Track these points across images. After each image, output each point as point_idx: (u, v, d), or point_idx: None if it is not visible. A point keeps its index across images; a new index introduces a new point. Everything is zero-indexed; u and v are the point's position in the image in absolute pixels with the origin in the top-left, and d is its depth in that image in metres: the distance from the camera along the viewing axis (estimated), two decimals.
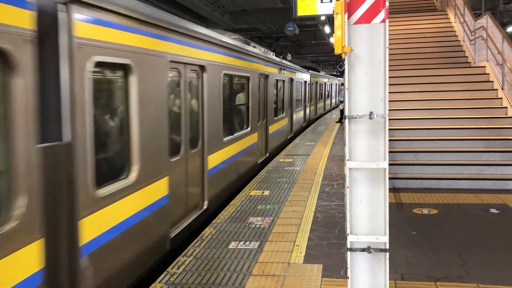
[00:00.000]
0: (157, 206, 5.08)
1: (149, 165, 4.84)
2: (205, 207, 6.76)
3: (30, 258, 3.12)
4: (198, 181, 6.64)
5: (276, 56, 15.51)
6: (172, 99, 5.80)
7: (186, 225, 6.02)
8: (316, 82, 24.87)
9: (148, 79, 4.84)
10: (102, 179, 4.04)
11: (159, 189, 5.13)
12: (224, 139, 7.91)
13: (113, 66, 4.30)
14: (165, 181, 5.28)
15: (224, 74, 7.79)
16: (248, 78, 9.79)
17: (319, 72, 31.01)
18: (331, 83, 35.09)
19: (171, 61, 5.50)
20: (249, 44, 10.70)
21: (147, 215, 4.84)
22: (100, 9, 3.89)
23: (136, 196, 4.60)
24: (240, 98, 9.69)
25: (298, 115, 18.20)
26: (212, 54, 7.12)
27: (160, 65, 5.15)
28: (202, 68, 6.71)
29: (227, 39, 8.24)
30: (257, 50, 11.17)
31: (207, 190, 6.85)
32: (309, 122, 21.77)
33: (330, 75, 42.83)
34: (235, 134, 8.69)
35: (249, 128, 9.75)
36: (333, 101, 37.24)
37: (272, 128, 12.55)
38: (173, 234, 5.59)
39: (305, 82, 19.81)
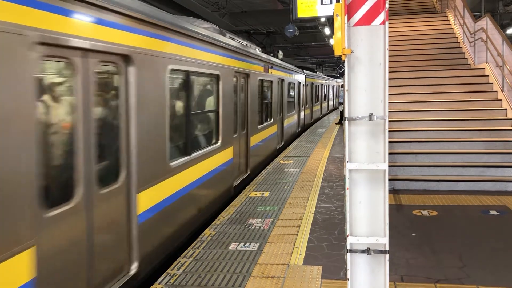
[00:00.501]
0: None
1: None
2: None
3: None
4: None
5: (264, 53, 13.84)
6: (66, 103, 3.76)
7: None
8: (312, 84, 23.13)
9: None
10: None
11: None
12: (173, 163, 5.66)
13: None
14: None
15: (173, 69, 5.62)
16: (218, 77, 7.55)
17: (315, 72, 28.52)
18: (329, 85, 33.31)
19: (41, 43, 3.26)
20: (224, 35, 8.50)
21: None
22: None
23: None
24: (205, 102, 7.48)
25: (291, 121, 16.23)
26: (146, 39, 4.87)
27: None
28: (126, 58, 4.51)
29: (179, 21, 5.95)
30: (235, 43, 8.97)
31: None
32: (303, 128, 20.09)
33: (328, 76, 41.77)
34: (193, 155, 6.36)
35: (219, 143, 7.57)
36: (331, 103, 35.65)
37: (255, 139, 10.36)
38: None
39: (299, 83, 18.30)
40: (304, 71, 20.66)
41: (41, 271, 3.28)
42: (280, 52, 25.53)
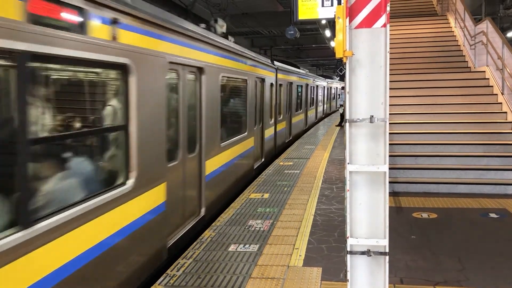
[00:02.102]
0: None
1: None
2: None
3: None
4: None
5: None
6: None
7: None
8: (290, 84, 16.43)
9: None
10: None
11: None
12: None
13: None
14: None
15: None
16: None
17: (299, 68, 20.62)
18: (316, 86, 25.10)
19: None
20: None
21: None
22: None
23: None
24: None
25: (240, 153, 9.50)
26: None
27: None
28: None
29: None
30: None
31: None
32: (275, 154, 13.67)
33: (321, 75, 36.58)
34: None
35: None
36: (320, 109, 27.81)
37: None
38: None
39: (263, 81, 11.71)
40: (276, 63, 13.99)
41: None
42: (219, 21, 9.17)
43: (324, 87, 29.37)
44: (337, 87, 39.88)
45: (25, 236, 3.06)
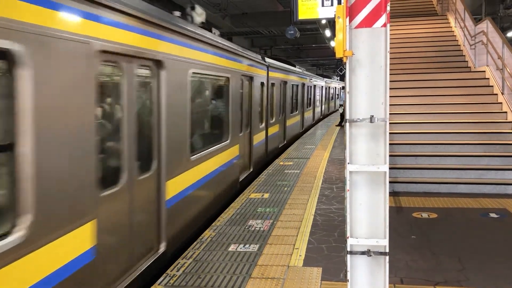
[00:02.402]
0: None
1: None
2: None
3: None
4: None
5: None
6: None
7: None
8: (285, 83, 14.83)
9: None
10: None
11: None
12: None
13: None
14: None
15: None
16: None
17: (294, 66, 18.89)
18: (314, 85, 23.66)
19: None
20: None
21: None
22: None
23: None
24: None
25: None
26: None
27: None
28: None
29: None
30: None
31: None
32: (267, 161, 12.24)
33: (320, 75, 35.05)
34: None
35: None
36: (318, 111, 26.34)
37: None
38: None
39: (251, 79, 10.20)
40: (267, 60, 12.51)
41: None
42: (199, 10, 7.44)
43: (322, 86, 27.69)
44: (335, 87, 38.63)
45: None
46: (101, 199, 3.91)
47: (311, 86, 22.12)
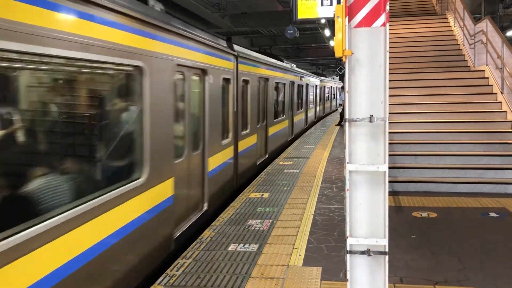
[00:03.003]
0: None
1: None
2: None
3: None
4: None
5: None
6: None
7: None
8: (266, 81, 12.23)
9: None
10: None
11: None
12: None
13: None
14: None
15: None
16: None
17: (282, 61, 16.24)
18: (306, 84, 20.72)
19: None
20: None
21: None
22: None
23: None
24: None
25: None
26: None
27: None
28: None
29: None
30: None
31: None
32: (236, 189, 9.20)
33: (314, 73, 30.29)
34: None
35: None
36: (312, 114, 23.26)
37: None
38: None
39: (203, 74, 7.17)
40: (237, 48, 9.57)
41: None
42: None
43: (316, 86, 24.69)
44: (331, 86, 35.68)
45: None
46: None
47: (303, 85, 19.45)
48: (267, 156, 12.34)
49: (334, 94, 37.88)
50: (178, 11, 18.06)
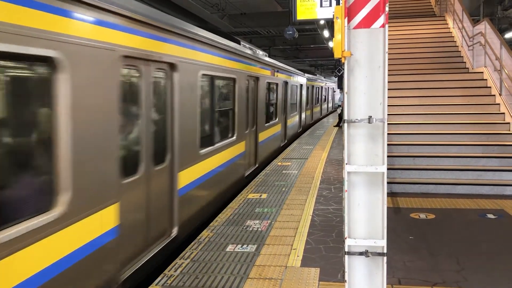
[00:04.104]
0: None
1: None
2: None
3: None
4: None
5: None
6: None
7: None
8: (212, 79, 7.61)
9: None
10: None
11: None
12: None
13: None
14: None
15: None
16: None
17: (256, 52, 11.91)
18: (285, 82, 15.15)
19: None
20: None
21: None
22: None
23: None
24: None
25: None
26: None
27: None
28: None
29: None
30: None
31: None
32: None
33: (301, 69, 22.50)
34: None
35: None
36: (294, 123, 17.91)
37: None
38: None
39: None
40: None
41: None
42: None
43: (301, 85, 19.50)
44: (322, 87, 29.97)
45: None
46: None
47: (279, 85, 14.13)
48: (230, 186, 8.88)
49: (325, 96, 33.08)
50: (176, 10, 18.05)
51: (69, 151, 3.62)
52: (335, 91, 41.33)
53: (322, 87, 29.80)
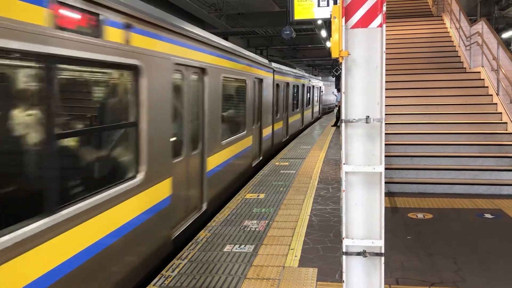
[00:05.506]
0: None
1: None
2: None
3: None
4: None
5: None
6: None
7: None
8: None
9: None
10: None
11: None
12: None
13: None
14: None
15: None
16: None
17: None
18: (259, 80, 11.68)
19: None
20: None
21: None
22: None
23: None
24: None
25: None
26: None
27: None
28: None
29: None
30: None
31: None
32: None
33: (278, 61, 18.62)
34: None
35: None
36: (278, 133, 14.97)
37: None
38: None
39: None
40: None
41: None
42: None
43: (271, 83, 13.66)
44: (304, 85, 22.26)
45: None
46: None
47: (255, 82, 11.19)
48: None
49: (309, 99, 25.08)
50: (173, 10, 18.03)
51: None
52: (323, 92, 35.14)
53: (305, 85, 22.49)
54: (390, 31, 14.67)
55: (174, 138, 5.88)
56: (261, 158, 12.60)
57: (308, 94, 24.89)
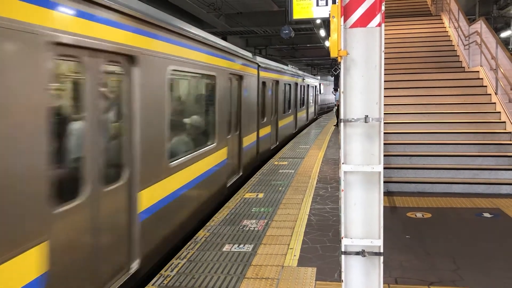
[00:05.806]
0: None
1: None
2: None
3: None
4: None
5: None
6: None
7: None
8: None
9: None
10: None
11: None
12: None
13: None
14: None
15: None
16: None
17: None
18: (229, 76, 9.12)
19: None
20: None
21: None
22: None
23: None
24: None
25: None
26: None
27: None
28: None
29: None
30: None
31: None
32: None
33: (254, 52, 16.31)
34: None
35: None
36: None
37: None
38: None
39: None
40: None
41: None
42: None
43: (263, 84, 12.65)
44: (297, 83, 19.83)
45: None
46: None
47: (229, 78, 9.26)
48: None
49: (304, 99, 23.00)
50: (172, 10, 18.02)
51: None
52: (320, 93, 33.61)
53: (298, 83, 20.34)
54: (389, 30, 14.66)
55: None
56: (241, 173, 9.93)
57: (302, 93, 22.23)
